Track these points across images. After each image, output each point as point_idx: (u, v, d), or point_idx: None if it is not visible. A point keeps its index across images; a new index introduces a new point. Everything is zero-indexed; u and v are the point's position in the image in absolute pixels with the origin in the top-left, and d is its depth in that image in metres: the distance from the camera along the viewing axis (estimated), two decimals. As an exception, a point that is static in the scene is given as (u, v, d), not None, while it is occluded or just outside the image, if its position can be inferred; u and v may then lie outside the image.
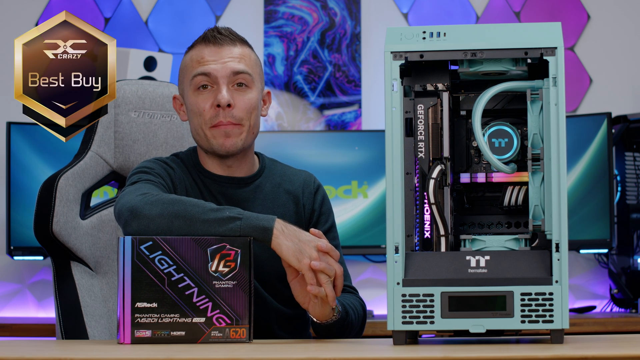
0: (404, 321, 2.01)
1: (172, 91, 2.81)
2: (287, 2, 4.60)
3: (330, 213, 2.62)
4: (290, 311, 2.50)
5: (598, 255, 4.39)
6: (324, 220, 2.59)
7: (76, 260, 2.69)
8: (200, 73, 2.44)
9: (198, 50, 2.47)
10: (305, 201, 2.57)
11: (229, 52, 2.46)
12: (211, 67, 2.44)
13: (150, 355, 1.93)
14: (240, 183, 2.53)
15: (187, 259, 2.12)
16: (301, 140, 4.33)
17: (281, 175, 2.59)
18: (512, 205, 2.13)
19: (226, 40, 2.46)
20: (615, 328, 3.87)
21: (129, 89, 2.77)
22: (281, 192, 2.56)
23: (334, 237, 2.59)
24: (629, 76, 4.57)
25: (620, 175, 4.26)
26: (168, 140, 2.79)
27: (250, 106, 2.46)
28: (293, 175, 2.61)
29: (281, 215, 2.50)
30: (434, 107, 2.12)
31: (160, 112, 2.79)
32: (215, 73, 2.44)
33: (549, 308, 1.98)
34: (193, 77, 2.45)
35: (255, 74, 2.49)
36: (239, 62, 2.45)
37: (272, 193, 2.55)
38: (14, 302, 4.42)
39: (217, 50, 2.45)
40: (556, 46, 2.03)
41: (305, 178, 2.61)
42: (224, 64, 2.44)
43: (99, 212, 2.75)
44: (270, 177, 2.57)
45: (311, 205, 2.58)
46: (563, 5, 4.60)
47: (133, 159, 2.75)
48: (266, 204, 2.52)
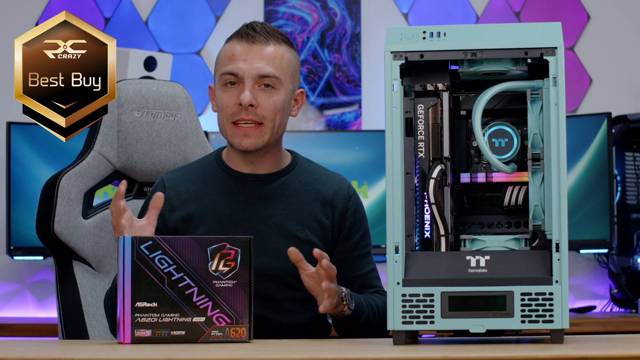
0: (404, 321, 2.01)
1: (176, 90, 2.81)
2: (287, 2, 4.60)
3: (364, 221, 2.58)
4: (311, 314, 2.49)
5: (598, 255, 4.39)
6: (356, 229, 2.55)
7: (78, 259, 2.69)
8: (227, 72, 2.45)
9: (231, 46, 2.48)
10: (335, 205, 2.54)
11: (259, 52, 2.45)
12: (239, 66, 2.44)
13: (150, 355, 1.93)
14: (265, 180, 2.52)
15: (187, 258, 2.12)
16: (301, 140, 4.33)
17: (312, 175, 2.57)
18: (512, 205, 2.13)
19: (259, 38, 2.46)
20: (615, 328, 3.87)
21: (132, 88, 2.77)
22: (310, 191, 2.54)
23: (366, 244, 2.57)
24: (629, 76, 4.57)
25: (620, 175, 4.26)
26: (171, 139, 2.79)
27: (274, 107, 2.45)
28: (326, 176, 2.58)
29: (306, 214, 2.50)
30: (434, 107, 2.12)
31: (164, 111, 2.79)
32: (241, 73, 2.44)
33: (549, 308, 1.98)
34: (222, 74, 2.47)
35: (286, 75, 2.47)
36: (268, 63, 2.44)
37: (299, 191, 2.53)
38: (14, 302, 4.42)
39: (249, 48, 2.45)
40: (556, 46, 2.03)
41: (339, 182, 2.58)
42: (252, 65, 2.44)
43: (102, 211, 2.75)
44: (300, 176, 2.55)
45: (343, 212, 2.54)
46: (563, 5, 4.60)
47: (136, 158, 2.76)
48: (291, 202, 2.52)
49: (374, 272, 2.58)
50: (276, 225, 2.48)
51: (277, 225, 2.48)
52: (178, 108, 2.81)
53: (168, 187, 2.53)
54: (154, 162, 2.77)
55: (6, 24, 4.54)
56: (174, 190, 2.53)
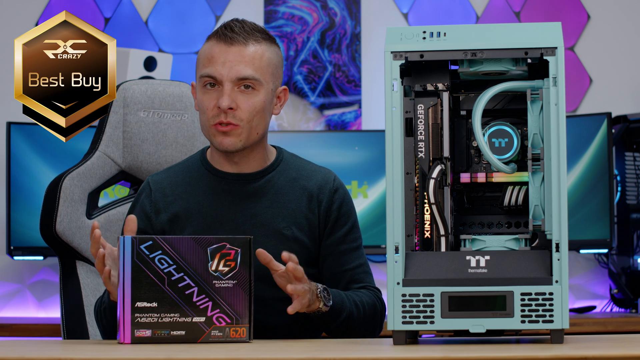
0: (404, 321, 2.01)
1: (183, 90, 2.82)
2: (287, 2, 4.60)
3: (351, 214, 2.56)
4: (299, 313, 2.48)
5: (598, 255, 4.39)
6: (342, 223, 2.54)
7: (82, 259, 2.70)
8: (207, 75, 2.44)
9: (209, 47, 2.46)
10: (321, 199, 2.53)
11: (238, 54, 2.44)
12: (217, 69, 2.43)
13: (150, 355, 1.93)
14: (249, 179, 2.52)
15: (187, 258, 2.12)
16: (301, 140, 4.33)
17: (298, 170, 2.55)
18: (512, 205, 2.13)
19: (237, 39, 2.44)
20: (615, 328, 3.87)
21: (138, 89, 2.77)
22: (296, 187, 2.53)
23: (354, 238, 2.55)
24: (629, 76, 4.57)
25: (620, 175, 4.26)
26: (178, 139, 2.79)
27: (253, 109, 2.45)
28: (312, 171, 2.56)
29: (292, 211, 2.50)
30: (434, 107, 2.12)
31: (171, 111, 2.79)
32: (220, 77, 2.43)
33: (549, 308, 1.98)
34: (201, 76, 2.46)
35: (266, 74, 2.46)
36: (247, 65, 2.43)
37: (285, 187, 2.52)
38: (14, 302, 4.42)
39: (227, 50, 2.44)
40: (556, 46, 2.03)
41: (325, 176, 2.56)
42: (230, 68, 2.43)
43: (107, 211, 2.76)
44: (285, 172, 2.54)
45: (328, 206, 2.53)
46: (563, 5, 4.60)
47: (142, 158, 2.76)
48: (276, 199, 2.51)
49: (363, 267, 2.54)
50: (262, 224, 2.48)
51: (262, 224, 2.48)
52: (185, 108, 2.81)
53: (154, 189, 2.53)
54: (160, 162, 2.78)
55: (6, 24, 4.54)
56: (160, 192, 2.52)
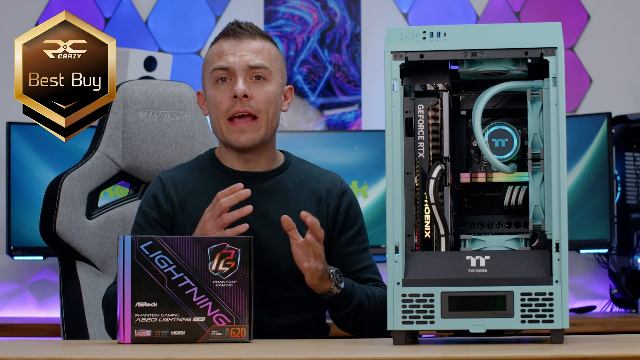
0: (404, 321, 2.01)
1: (183, 90, 2.82)
2: (287, 2, 4.60)
3: (359, 217, 2.58)
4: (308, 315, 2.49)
5: (598, 255, 4.39)
6: (350, 225, 2.56)
7: (82, 259, 2.70)
8: (218, 67, 2.47)
9: (218, 45, 2.51)
10: (329, 201, 2.55)
11: (247, 46, 2.48)
12: (229, 60, 2.47)
13: (150, 355, 1.93)
14: (260, 178, 2.52)
15: (187, 258, 2.12)
16: (301, 140, 4.33)
17: (306, 174, 2.57)
18: (512, 205, 2.13)
19: (245, 33, 2.49)
20: (615, 328, 3.87)
21: (137, 89, 2.78)
22: (304, 189, 2.54)
23: (362, 240, 2.57)
24: (629, 76, 4.57)
25: (620, 175, 4.26)
26: (178, 139, 2.80)
27: (267, 98, 2.47)
28: (319, 174, 2.59)
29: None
30: (434, 107, 2.12)
31: (170, 111, 2.79)
32: (232, 66, 2.46)
33: (549, 308, 1.98)
34: (212, 71, 2.48)
35: (275, 67, 2.50)
36: (257, 55, 2.48)
37: (294, 189, 2.54)
38: (14, 302, 4.42)
39: (236, 44, 2.48)
40: (556, 46, 2.03)
41: (332, 179, 2.59)
42: (242, 57, 2.47)
43: (107, 212, 2.76)
44: (293, 174, 2.56)
45: (336, 208, 2.55)
46: (563, 5, 4.60)
47: (141, 158, 2.77)
48: (286, 200, 2.52)
49: (373, 268, 2.56)
50: (272, 224, 2.48)
51: (273, 224, 2.48)
52: (185, 108, 2.81)
53: (166, 184, 2.52)
54: (159, 163, 2.78)
55: (6, 24, 4.54)
56: (172, 187, 2.52)
